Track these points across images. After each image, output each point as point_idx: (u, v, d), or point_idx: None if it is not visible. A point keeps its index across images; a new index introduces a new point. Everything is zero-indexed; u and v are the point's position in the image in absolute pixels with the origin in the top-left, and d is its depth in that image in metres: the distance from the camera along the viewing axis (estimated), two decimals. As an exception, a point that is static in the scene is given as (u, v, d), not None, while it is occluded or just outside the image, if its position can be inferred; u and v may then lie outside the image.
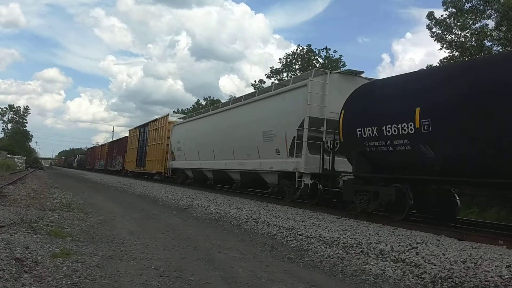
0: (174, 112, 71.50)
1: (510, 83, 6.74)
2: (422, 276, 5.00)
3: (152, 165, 28.56)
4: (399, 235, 7.50)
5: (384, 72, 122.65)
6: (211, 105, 28.34)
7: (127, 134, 41.44)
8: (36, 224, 7.16)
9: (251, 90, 38.27)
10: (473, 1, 20.47)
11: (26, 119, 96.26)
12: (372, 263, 5.70)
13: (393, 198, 8.67)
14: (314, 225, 8.60)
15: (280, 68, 37.17)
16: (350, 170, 10.16)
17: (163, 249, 5.94)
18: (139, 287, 4.11)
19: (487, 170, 7.20)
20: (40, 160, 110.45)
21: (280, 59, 38.28)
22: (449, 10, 21.03)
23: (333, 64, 34.11)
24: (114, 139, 72.82)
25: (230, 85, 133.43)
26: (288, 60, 36.95)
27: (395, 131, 8.39)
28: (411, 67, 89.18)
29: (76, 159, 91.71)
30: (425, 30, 10.46)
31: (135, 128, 36.75)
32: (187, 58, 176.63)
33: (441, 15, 21.21)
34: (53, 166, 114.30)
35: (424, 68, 20.78)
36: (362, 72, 12.72)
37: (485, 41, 19.66)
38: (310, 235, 7.57)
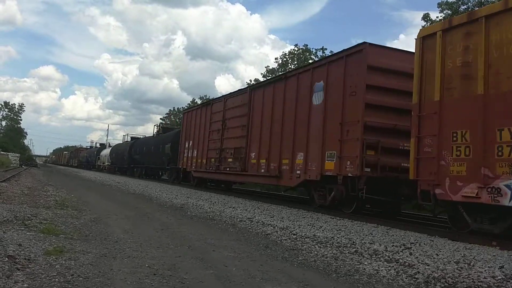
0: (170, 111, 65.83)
1: None
2: (416, 276, 5.01)
3: None
4: (393, 235, 7.54)
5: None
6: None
7: (123, 133, 26.83)
8: (29, 221, 7.12)
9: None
10: (469, 4, 20.60)
11: (20, 117, 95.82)
12: (365, 263, 5.71)
13: None
14: (308, 225, 8.62)
15: (276, 67, 37.18)
16: None
17: (157, 248, 5.92)
18: (133, 285, 4.09)
19: None
20: (34, 158, 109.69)
21: (276, 58, 38.23)
22: (444, 12, 21.16)
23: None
24: (108, 138, 54.21)
25: (226, 85, 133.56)
26: (285, 59, 36.95)
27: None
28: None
29: (103, 153, 48.68)
30: (418, 32, 10.07)
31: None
32: (183, 57, 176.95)
33: (437, 17, 21.32)
34: (48, 164, 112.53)
35: None
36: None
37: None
38: (305, 234, 7.57)
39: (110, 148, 47.45)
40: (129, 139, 41.11)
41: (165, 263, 5.05)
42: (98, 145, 63.75)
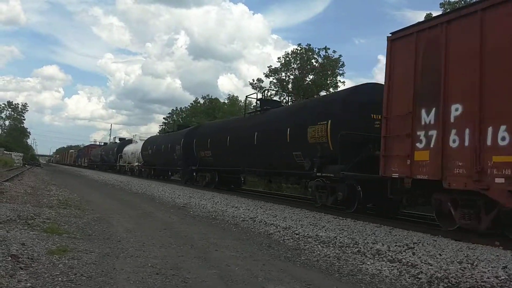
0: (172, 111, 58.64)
1: None
2: (419, 276, 5.00)
3: None
4: (396, 235, 7.52)
5: (380, 74, 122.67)
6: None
7: (125, 133, 17.47)
8: (32, 220, 7.14)
9: (249, 89, 38.09)
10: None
11: (24, 116, 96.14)
12: (368, 262, 5.70)
13: None
14: (311, 225, 8.61)
15: (278, 67, 37.10)
16: None
17: (159, 247, 5.93)
18: (135, 285, 4.10)
19: None
20: (37, 157, 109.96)
21: (278, 58, 38.12)
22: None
23: (331, 64, 34.03)
24: (111, 137, 43.25)
25: (229, 85, 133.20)
26: (287, 59, 36.86)
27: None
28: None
29: (128, 150, 36.69)
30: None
31: None
32: (185, 57, 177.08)
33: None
34: (52, 163, 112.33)
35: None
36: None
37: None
38: (307, 234, 7.57)
39: (142, 142, 33.41)
40: (164, 129, 28.36)
41: (168, 262, 5.06)
42: (117, 139, 47.95)
